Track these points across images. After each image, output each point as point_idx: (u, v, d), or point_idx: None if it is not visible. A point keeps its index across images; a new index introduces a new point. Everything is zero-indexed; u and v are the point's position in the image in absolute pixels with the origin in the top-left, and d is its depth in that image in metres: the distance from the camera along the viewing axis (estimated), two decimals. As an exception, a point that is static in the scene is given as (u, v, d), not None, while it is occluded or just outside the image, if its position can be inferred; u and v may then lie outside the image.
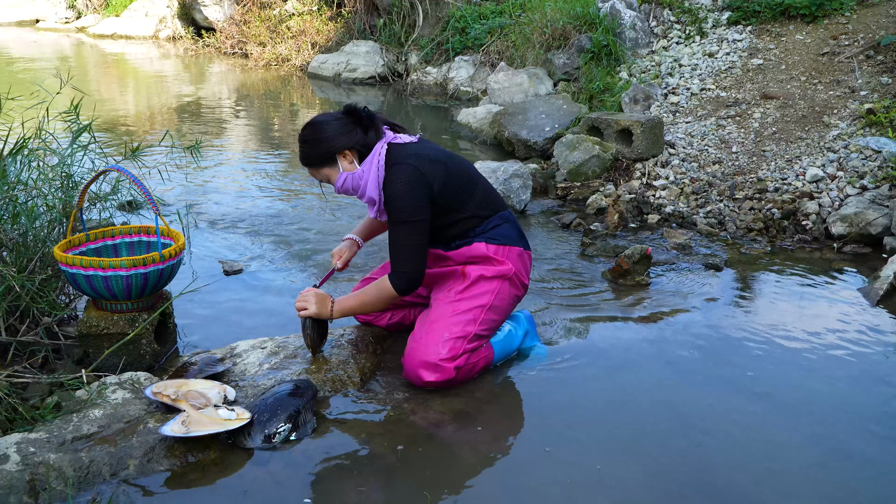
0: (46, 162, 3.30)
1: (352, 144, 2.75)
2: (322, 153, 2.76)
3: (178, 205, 4.74)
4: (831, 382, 2.89)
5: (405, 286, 2.74)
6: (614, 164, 5.34)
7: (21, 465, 2.13)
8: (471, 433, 2.59)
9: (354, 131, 2.76)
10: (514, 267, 2.87)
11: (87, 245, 2.96)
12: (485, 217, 2.87)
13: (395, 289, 2.74)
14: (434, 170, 2.75)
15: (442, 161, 2.80)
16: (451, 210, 2.81)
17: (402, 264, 2.73)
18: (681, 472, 2.35)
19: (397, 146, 2.80)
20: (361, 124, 2.78)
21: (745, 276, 3.88)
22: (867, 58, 5.93)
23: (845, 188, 4.57)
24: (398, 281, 2.73)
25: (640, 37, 7.23)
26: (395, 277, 2.73)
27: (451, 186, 2.79)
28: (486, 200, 2.89)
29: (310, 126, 2.80)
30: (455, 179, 2.81)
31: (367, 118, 2.79)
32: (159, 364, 2.90)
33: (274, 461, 2.35)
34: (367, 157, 2.77)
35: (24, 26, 16.71)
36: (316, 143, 2.76)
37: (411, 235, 2.70)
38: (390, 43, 9.94)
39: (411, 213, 2.69)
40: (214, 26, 12.76)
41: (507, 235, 2.89)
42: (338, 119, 2.78)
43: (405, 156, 2.75)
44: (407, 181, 2.69)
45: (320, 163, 2.79)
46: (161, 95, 9.08)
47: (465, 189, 2.84)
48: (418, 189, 2.69)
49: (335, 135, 2.75)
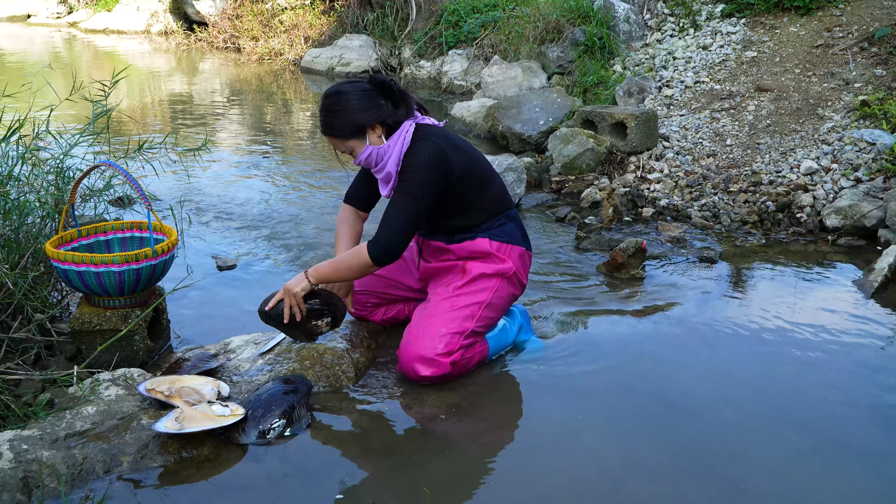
0: (38, 157, 3.28)
1: (383, 119, 2.70)
2: (352, 125, 2.68)
3: (171, 200, 4.72)
4: (826, 374, 2.89)
5: (381, 255, 2.66)
6: (608, 157, 5.33)
7: (14, 463, 2.12)
8: (466, 427, 2.58)
9: (385, 105, 2.71)
10: (514, 266, 2.86)
11: (80, 241, 2.95)
12: (494, 214, 2.86)
13: (370, 256, 2.65)
14: (458, 157, 2.73)
15: (465, 150, 2.79)
16: (465, 200, 2.80)
17: (386, 233, 2.65)
18: (679, 461, 2.35)
19: (426, 126, 2.77)
20: (392, 98, 2.73)
21: (740, 269, 3.88)
22: (861, 50, 5.94)
23: (840, 180, 4.57)
24: (375, 248, 2.65)
25: (634, 29, 7.22)
26: (373, 245, 2.66)
27: (470, 176, 2.77)
28: (498, 197, 2.88)
29: (336, 95, 2.70)
30: (476, 171, 2.80)
31: (398, 93, 2.74)
32: (153, 360, 2.89)
33: (268, 457, 2.34)
34: (395, 134, 2.72)
35: (15, 21, 16.63)
36: (345, 115, 2.67)
37: (410, 210, 2.66)
38: (383, 37, 9.92)
39: (420, 188, 2.66)
40: (206, 21, 12.73)
41: (511, 234, 2.88)
42: (365, 91, 2.70)
43: (434, 135, 2.72)
44: (430, 157, 2.66)
45: (348, 134, 2.70)
46: (153, 90, 9.04)
47: (482, 182, 2.83)
48: (437, 168, 2.67)
49: (366, 107, 2.67)
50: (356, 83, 2.73)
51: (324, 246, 4.09)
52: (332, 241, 4.12)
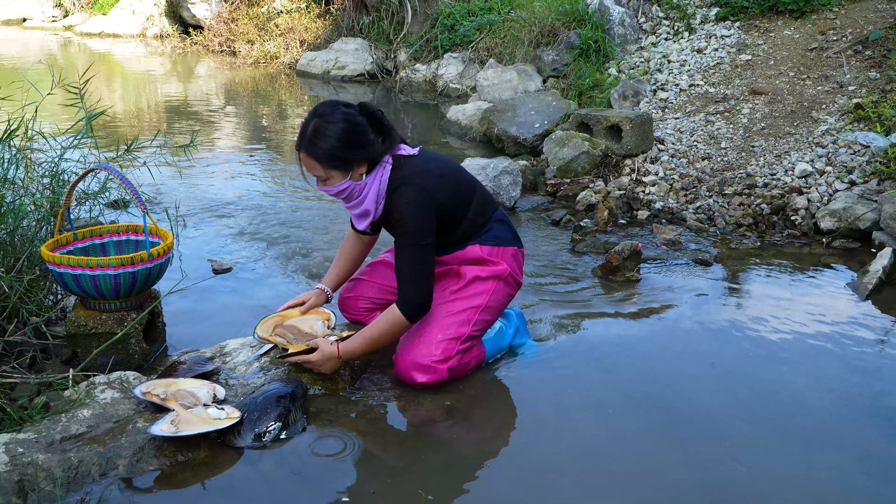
0: (33, 159, 3.28)
1: (372, 156, 2.61)
2: (340, 157, 2.56)
3: (167, 203, 4.71)
4: (821, 376, 2.90)
5: (415, 312, 2.64)
6: (604, 160, 5.34)
7: (9, 466, 2.12)
8: (462, 430, 2.58)
9: (375, 141, 2.62)
10: (508, 267, 2.86)
11: (75, 244, 2.95)
12: (481, 224, 2.85)
13: (405, 316, 2.63)
14: (443, 185, 2.68)
15: (447, 175, 2.73)
16: (453, 221, 2.77)
17: (411, 290, 2.63)
18: (674, 464, 2.36)
19: (402, 162, 2.68)
20: (381, 132, 2.65)
21: (735, 271, 3.89)
22: (855, 53, 5.96)
23: (834, 183, 4.59)
24: (408, 307, 2.63)
25: (629, 33, 7.24)
26: (404, 305, 2.63)
27: (456, 199, 2.74)
28: (483, 207, 2.85)
29: (331, 119, 2.55)
30: (461, 191, 2.76)
31: (386, 127, 2.65)
32: (148, 363, 2.88)
33: (264, 460, 2.34)
34: (374, 170, 2.65)
35: (10, 25, 16.60)
36: (335, 144, 2.55)
37: (420, 259, 2.62)
38: (379, 40, 9.93)
39: (421, 235, 2.61)
40: (202, 24, 12.72)
41: (501, 237, 2.88)
42: (358, 124, 2.57)
43: (412, 174, 2.64)
44: (416, 203, 2.60)
45: (332, 164, 2.57)
46: (149, 93, 9.03)
47: (466, 199, 2.80)
48: (427, 210, 2.61)
49: (358, 143, 2.57)
50: (350, 110, 2.60)
51: (319, 250, 4.09)
52: (328, 245, 4.14)
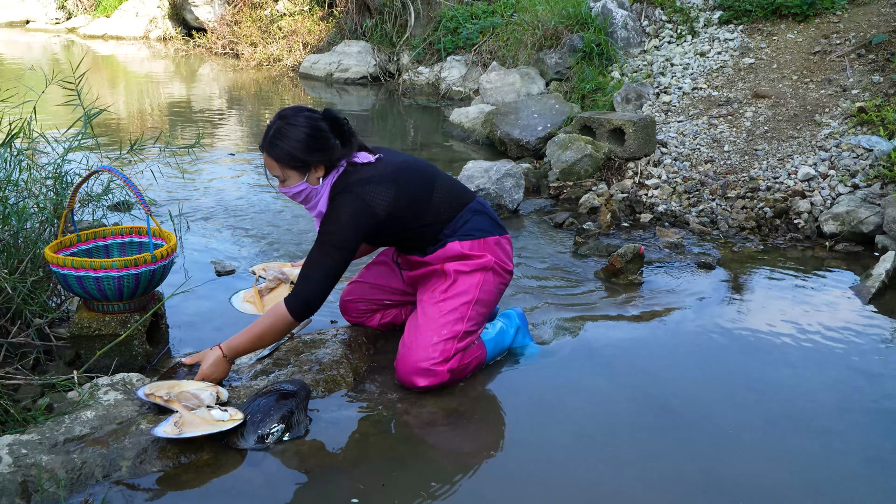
0: (36, 161, 3.28)
1: (330, 161, 2.65)
2: (298, 159, 2.60)
3: (170, 205, 4.72)
4: (824, 380, 2.89)
5: (301, 309, 2.60)
6: (606, 163, 5.34)
7: (13, 467, 2.12)
8: (464, 432, 2.58)
9: (335, 146, 2.65)
10: (493, 257, 2.84)
11: (79, 246, 2.95)
12: (450, 219, 2.82)
13: (290, 312, 2.59)
14: (381, 194, 2.64)
15: (392, 180, 2.69)
16: (413, 219, 2.75)
17: (305, 285, 2.61)
18: (678, 468, 2.35)
19: (354, 169, 2.69)
20: (342, 138, 2.68)
21: (738, 274, 3.89)
22: (858, 56, 5.96)
23: (837, 187, 4.58)
24: (296, 303, 2.60)
25: (632, 36, 7.24)
26: (293, 299, 2.60)
27: (402, 204, 2.69)
28: (447, 201, 2.81)
29: (293, 121, 2.61)
30: (407, 195, 2.71)
31: (347, 133, 2.68)
32: (151, 365, 2.89)
33: (267, 462, 2.34)
34: (329, 175, 2.68)
35: (14, 27, 16.64)
36: (295, 145, 2.59)
37: (332, 262, 2.60)
38: (382, 43, 9.94)
39: (342, 239, 2.60)
40: (205, 26, 12.74)
41: (480, 228, 2.85)
42: (320, 129, 2.62)
43: (355, 182, 2.64)
44: (351, 210, 2.60)
45: (290, 164, 2.62)
46: (152, 96, 9.05)
47: (421, 200, 2.76)
48: (358, 218, 2.61)
49: (317, 147, 2.61)
50: (314, 114, 2.65)
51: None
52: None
